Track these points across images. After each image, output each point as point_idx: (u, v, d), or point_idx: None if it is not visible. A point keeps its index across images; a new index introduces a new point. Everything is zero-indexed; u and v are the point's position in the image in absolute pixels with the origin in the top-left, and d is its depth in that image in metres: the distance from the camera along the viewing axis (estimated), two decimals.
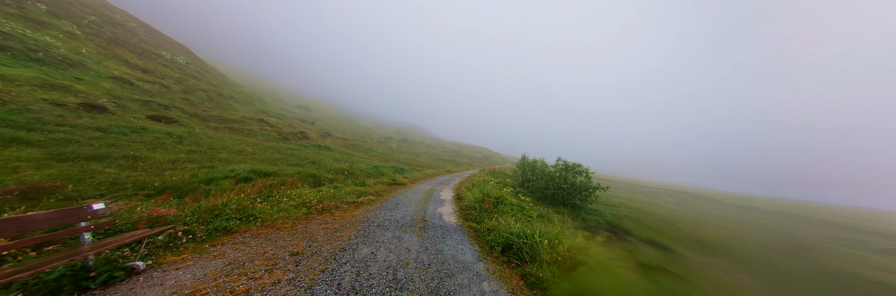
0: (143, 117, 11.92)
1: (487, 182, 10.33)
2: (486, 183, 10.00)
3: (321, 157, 16.96)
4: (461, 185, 13.84)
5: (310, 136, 24.62)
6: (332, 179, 10.65)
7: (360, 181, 10.86)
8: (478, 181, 10.71)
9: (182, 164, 8.08)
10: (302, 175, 9.66)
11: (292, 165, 11.66)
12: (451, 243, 4.40)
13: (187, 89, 19.29)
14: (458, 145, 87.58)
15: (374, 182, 11.51)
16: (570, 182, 11.84)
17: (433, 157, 42.33)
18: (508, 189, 9.03)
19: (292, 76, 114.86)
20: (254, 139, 16.23)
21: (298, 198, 6.30)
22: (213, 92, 22.13)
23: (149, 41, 21.70)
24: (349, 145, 30.16)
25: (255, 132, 18.32)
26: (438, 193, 10.13)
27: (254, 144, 14.78)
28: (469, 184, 11.13)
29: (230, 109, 21.10)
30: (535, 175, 14.58)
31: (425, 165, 30.02)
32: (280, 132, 20.90)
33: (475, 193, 7.23)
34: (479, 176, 17.29)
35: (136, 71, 16.74)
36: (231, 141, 13.56)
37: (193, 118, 15.75)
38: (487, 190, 7.31)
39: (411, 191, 10.38)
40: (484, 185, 9.39)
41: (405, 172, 18.71)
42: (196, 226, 3.82)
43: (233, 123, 18.27)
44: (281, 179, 8.44)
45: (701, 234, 13.26)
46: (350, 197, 7.77)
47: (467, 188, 9.57)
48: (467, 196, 7.71)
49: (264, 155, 12.42)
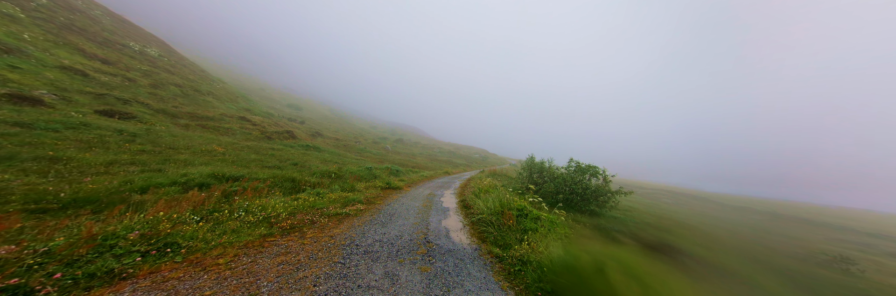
0: (90, 112, 10.13)
1: (496, 187, 8.91)
2: (496, 188, 8.58)
3: (307, 158, 15.32)
4: (464, 188, 12.39)
5: (297, 135, 22.86)
6: (315, 183, 9.09)
7: (349, 186, 9.33)
8: (485, 186, 9.28)
9: (121, 167, 6.43)
10: (278, 179, 8.08)
11: (269, 167, 10.03)
12: (472, 286, 2.94)
13: (157, 83, 17.38)
14: (454, 146, 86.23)
15: (366, 187, 9.99)
16: (584, 186, 10.51)
17: (429, 158, 40.82)
18: (530, 198, 7.61)
19: (283, 76, 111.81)
20: (230, 138, 14.49)
21: (261, 211, 4.77)
22: (189, 87, 20.21)
23: (115, 31, 19.67)
24: (341, 146, 28.44)
25: (233, 131, 16.55)
26: (440, 199, 8.66)
27: (229, 143, 13.07)
28: (475, 188, 9.69)
29: (207, 106, 19.23)
30: (544, 178, 13.27)
31: (422, 166, 28.51)
32: (263, 131, 19.14)
33: (490, 203, 5.79)
34: (483, 179, 15.90)
35: (93, 61, 14.82)
36: (201, 140, 11.84)
37: (160, 114, 13.94)
38: (505, 198, 5.88)
39: (408, 196, 8.90)
40: (495, 190, 7.96)
41: (401, 174, 17.18)
42: (45, 275, 2.27)
43: (208, 120, 16.46)
44: (250, 184, 6.87)
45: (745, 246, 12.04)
46: (333, 207, 6.25)
47: (475, 194, 8.12)
48: (478, 205, 6.26)
49: (238, 156, 10.76)
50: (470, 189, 10.78)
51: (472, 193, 8.76)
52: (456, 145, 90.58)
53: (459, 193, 10.97)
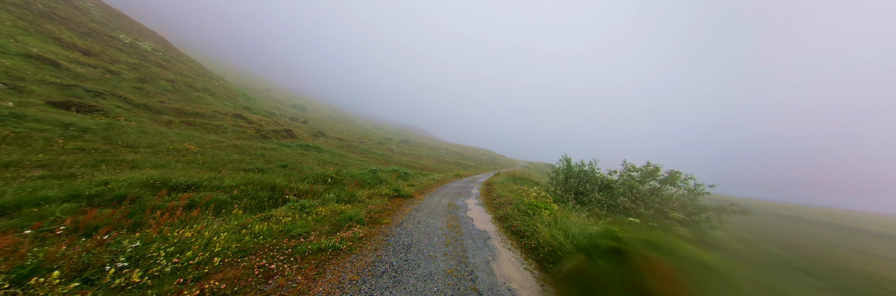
0: (40, 103, 8.41)
1: (546, 202, 6.69)
2: (547, 203, 6.37)
3: (304, 159, 13.42)
4: (487, 196, 10.23)
5: (298, 134, 21.13)
6: (304, 191, 7.09)
7: (348, 194, 7.29)
8: (530, 197, 7.08)
9: (19, 170, 4.53)
10: (253, 187, 6.10)
11: (248, 170, 8.08)
12: None
13: (145, 78, 15.87)
14: (461, 147, 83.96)
15: (370, 195, 7.94)
16: (663, 196, 7.89)
17: (437, 159, 38.75)
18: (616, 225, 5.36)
19: (291, 77, 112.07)
20: (217, 137, 12.72)
21: (177, 254, 2.74)
22: (183, 83, 18.71)
23: (105, 23, 18.38)
24: (344, 146, 26.66)
25: (224, 128, 14.83)
26: (466, 215, 6.52)
27: (213, 142, 11.26)
28: (509, 198, 7.51)
29: (200, 103, 17.65)
30: (585, 186, 10.99)
31: (430, 168, 26.45)
32: (259, 130, 17.42)
33: (576, 238, 3.60)
34: (506, 184, 13.66)
35: (71, 52, 13.32)
36: (177, 138, 10.05)
37: (140, 109, 12.27)
38: (593, 230, 3.67)
39: (424, 209, 6.80)
40: (545, 204, 5.77)
41: (410, 177, 15.12)
42: None
43: (197, 117, 14.80)
44: (205, 196, 4.88)
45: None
46: (318, 233, 4.20)
47: (524, 212, 5.94)
48: (543, 236, 4.08)
49: (215, 156, 8.88)
50: (502, 200, 8.61)
51: (514, 207, 6.58)
52: (462, 147, 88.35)
53: (486, 202, 8.80)
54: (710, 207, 7.42)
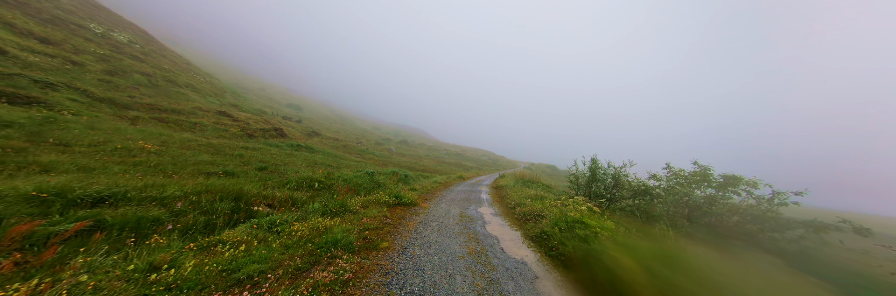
0: None
1: (597, 219, 5.28)
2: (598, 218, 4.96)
3: (292, 160, 11.92)
4: (502, 203, 8.80)
5: (289, 134, 19.59)
6: (283, 200, 5.61)
7: (337, 204, 5.81)
8: (576, 210, 5.65)
9: None
10: (212, 196, 4.60)
11: (212, 173, 6.56)
12: None
13: (116, 70, 14.29)
14: (461, 148, 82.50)
15: (365, 203, 6.47)
16: (726, 207, 6.19)
17: (437, 160, 37.29)
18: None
19: (289, 77, 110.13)
20: (190, 135, 11.18)
21: None
22: (161, 77, 17.14)
23: (75, 11, 16.79)
24: (340, 146, 25.13)
25: (203, 126, 13.28)
26: (485, 229, 5.09)
27: (183, 140, 9.73)
28: (550, 214, 6.09)
29: (180, 99, 16.09)
30: (614, 191, 9.59)
31: (431, 169, 25.00)
32: (245, 128, 15.87)
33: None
34: (522, 189, 12.25)
35: (26, 39, 11.74)
36: (135, 135, 8.51)
37: (101, 103, 10.72)
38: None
39: (432, 223, 5.36)
40: (597, 221, 4.37)
41: (411, 180, 13.66)
42: None
43: (172, 113, 13.25)
44: (119, 212, 3.41)
45: None
46: (276, 276, 2.74)
47: (568, 230, 4.51)
48: (626, 269, 2.67)
49: (176, 157, 7.35)
50: (524, 209, 7.19)
51: (551, 223, 5.13)
52: (462, 148, 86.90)
53: (504, 212, 7.36)
54: (796, 221, 5.55)
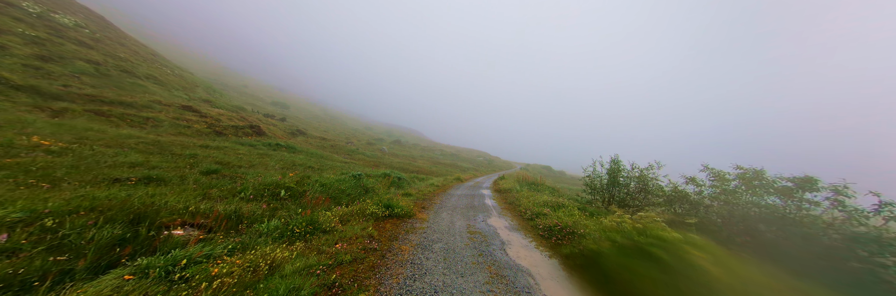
0: None
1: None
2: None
3: (263, 160, 10.04)
4: (516, 209, 7.20)
5: (268, 132, 17.56)
6: (224, 217, 3.84)
7: (301, 222, 4.08)
8: (652, 225, 4.08)
9: None
10: (100, 213, 2.81)
11: (126, 179, 4.70)
12: None
13: (52, 56, 12.07)
14: (456, 149, 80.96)
15: (345, 216, 4.76)
16: (802, 220, 4.58)
17: (432, 161, 35.58)
18: None
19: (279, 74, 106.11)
20: (133, 131, 9.17)
21: None
22: (114, 66, 14.91)
23: None
24: (328, 146, 23.13)
25: (159, 121, 11.23)
26: (508, 257, 3.49)
27: (117, 136, 7.75)
28: (588, 231, 4.51)
29: (135, 91, 13.92)
30: (640, 196, 8.15)
31: (426, 170, 23.30)
32: (214, 125, 13.83)
33: None
34: (529, 193, 10.73)
35: None
36: (41, 128, 6.53)
37: (18, 92, 8.63)
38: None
39: (434, 248, 3.71)
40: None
41: (405, 184, 11.94)
42: None
43: (119, 106, 11.15)
44: None
45: None
46: None
47: (634, 255, 2.91)
48: None
49: (85, 158, 5.45)
50: (548, 222, 5.61)
51: (593, 241, 3.54)
52: (457, 148, 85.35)
53: (523, 225, 5.76)
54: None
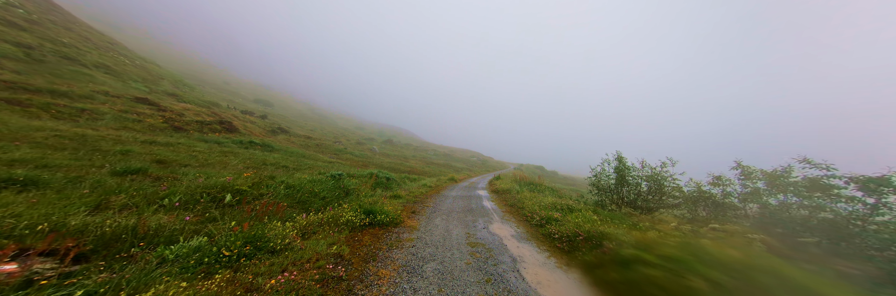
0: None
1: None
2: None
3: (224, 159, 8.50)
4: (519, 213, 5.98)
5: (243, 129, 15.82)
6: (114, 238, 2.43)
7: (239, 239, 2.69)
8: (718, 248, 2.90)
9: None
10: None
11: None
12: None
13: None
14: (449, 149, 79.65)
15: (310, 227, 3.40)
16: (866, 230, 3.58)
17: (425, 161, 34.20)
18: None
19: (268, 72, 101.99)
20: (53, 124, 7.48)
21: None
22: (55, 52, 12.94)
23: None
24: (313, 145, 21.46)
25: (99, 114, 9.49)
26: (525, 281, 2.26)
27: (20, 129, 6.12)
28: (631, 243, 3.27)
29: (77, 79, 12.02)
30: (654, 198, 7.12)
31: (418, 171, 21.96)
32: (173, 119, 12.07)
33: None
34: (531, 194, 9.55)
35: None
36: None
37: None
38: None
39: (423, 269, 2.45)
40: None
41: (394, 184, 10.58)
42: None
43: (47, 95, 9.35)
44: None
45: None
46: None
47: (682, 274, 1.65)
48: None
49: None
50: (563, 229, 4.40)
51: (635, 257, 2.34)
52: (450, 148, 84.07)
53: (533, 234, 4.54)
54: None
